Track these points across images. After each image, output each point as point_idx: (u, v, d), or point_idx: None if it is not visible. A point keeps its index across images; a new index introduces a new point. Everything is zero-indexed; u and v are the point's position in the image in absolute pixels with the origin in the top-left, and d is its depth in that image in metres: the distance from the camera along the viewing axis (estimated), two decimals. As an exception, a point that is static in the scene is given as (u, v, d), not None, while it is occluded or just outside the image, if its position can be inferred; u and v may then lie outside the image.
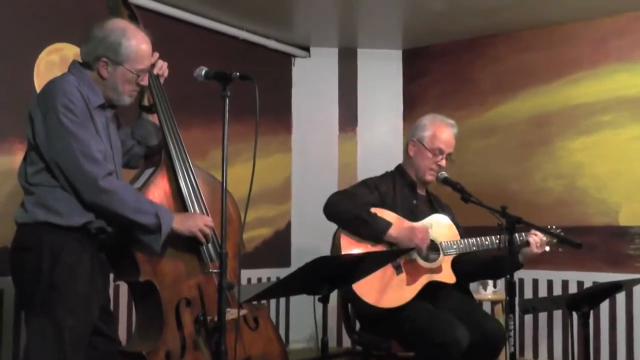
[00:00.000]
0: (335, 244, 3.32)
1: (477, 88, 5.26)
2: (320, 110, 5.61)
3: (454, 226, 3.48)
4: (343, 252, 3.25)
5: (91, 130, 2.55)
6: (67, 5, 3.98)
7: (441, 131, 3.50)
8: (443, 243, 3.37)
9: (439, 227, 3.43)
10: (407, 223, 3.37)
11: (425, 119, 3.58)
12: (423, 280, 3.30)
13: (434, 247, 3.37)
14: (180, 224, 2.70)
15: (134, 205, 2.58)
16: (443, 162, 3.48)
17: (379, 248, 3.30)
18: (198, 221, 2.76)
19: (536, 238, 3.30)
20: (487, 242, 3.36)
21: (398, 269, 3.29)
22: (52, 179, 2.52)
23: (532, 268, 4.75)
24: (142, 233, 2.64)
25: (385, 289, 3.24)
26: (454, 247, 3.37)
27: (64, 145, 2.48)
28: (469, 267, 3.49)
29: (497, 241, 3.29)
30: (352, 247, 3.28)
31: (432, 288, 3.35)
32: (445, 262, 3.36)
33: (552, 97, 4.92)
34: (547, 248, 3.38)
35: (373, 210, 3.34)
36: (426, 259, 3.33)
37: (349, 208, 3.31)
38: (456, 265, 3.45)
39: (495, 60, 5.20)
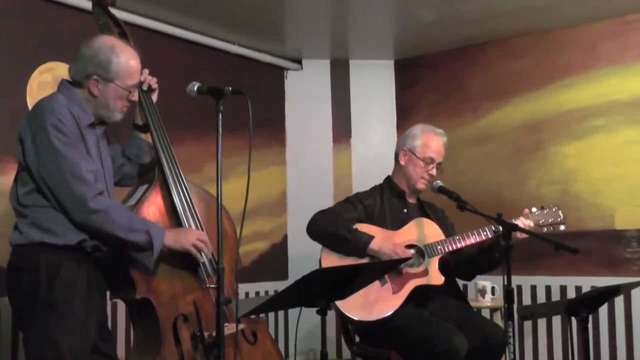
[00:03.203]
0: (320, 264, 3.38)
1: (470, 96, 5.28)
2: (314, 122, 5.61)
3: (436, 226, 3.49)
4: None
5: (81, 150, 2.55)
6: (58, 24, 3.98)
7: (432, 141, 3.56)
8: (426, 246, 3.39)
9: (421, 230, 3.45)
10: (389, 234, 3.40)
11: (416, 129, 3.63)
12: (409, 287, 3.32)
13: (417, 252, 3.39)
14: (173, 240, 2.70)
15: (124, 224, 2.56)
16: (434, 171, 3.54)
17: (362, 262, 3.31)
18: (190, 236, 2.75)
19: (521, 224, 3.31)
20: (473, 235, 3.37)
21: (382, 280, 3.31)
22: (44, 199, 2.52)
23: (530, 274, 4.76)
24: (134, 251, 2.63)
25: (371, 302, 3.26)
26: (438, 247, 3.38)
27: (54, 166, 2.47)
28: (460, 265, 3.52)
29: (486, 232, 3.35)
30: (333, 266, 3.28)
31: (424, 292, 3.37)
32: (432, 264, 3.37)
33: (544, 103, 4.93)
34: (545, 229, 3.42)
35: (356, 225, 3.39)
36: (410, 265, 3.35)
37: (329, 227, 3.38)
38: (448, 265, 3.47)
39: (486, 68, 5.22)
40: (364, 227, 3.40)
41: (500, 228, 2.82)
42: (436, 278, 3.36)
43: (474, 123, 5.23)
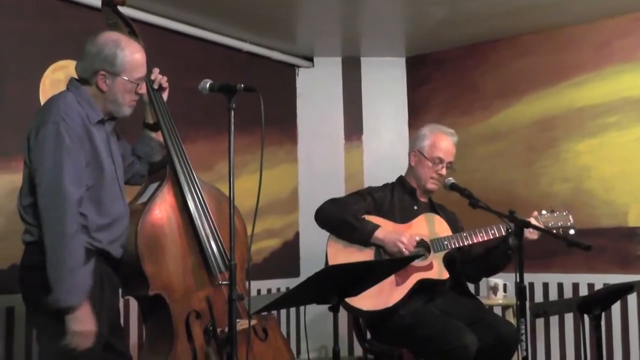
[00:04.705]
0: (326, 253, 3.41)
1: (481, 93, 5.26)
2: (325, 119, 5.61)
3: (444, 222, 3.49)
4: (330, 260, 3.37)
5: (80, 153, 2.51)
6: (71, 23, 4.00)
7: (440, 140, 3.55)
8: (433, 240, 3.40)
9: (430, 225, 3.46)
10: (398, 226, 3.41)
11: (425, 129, 3.64)
12: (413, 280, 3.33)
13: (424, 246, 3.40)
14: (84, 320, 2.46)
15: (69, 263, 2.41)
16: (443, 171, 3.53)
17: (367, 252, 3.37)
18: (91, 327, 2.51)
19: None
20: (480, 233, 3.38)
21: None
22: None
23: (543, 272, 4.75)
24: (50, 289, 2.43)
25: (376, 293, 3.25)
26: (445, 242, 3.39)
27: (47, 159, 2.45)
28: (467, 264, 3.54)
29: (494, 231, 3.37)
30: (338, 255, 3.37)
31: (433, 288, 3.37)
32: (437, 259, 3.39)
33: (557, 100, 4.91)
34: (554, 232, 3.38)
35: (364, 216, 3.42)
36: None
37: (337, 213, 3.41)
38: (454, 264, 3.47)
39: (498, 65, 5.20)
40: (372, 219, 3.42)
41: (513, 226, 2.82)
42: (440, 273, 3.37)
43: (485, 121, 5.22)
